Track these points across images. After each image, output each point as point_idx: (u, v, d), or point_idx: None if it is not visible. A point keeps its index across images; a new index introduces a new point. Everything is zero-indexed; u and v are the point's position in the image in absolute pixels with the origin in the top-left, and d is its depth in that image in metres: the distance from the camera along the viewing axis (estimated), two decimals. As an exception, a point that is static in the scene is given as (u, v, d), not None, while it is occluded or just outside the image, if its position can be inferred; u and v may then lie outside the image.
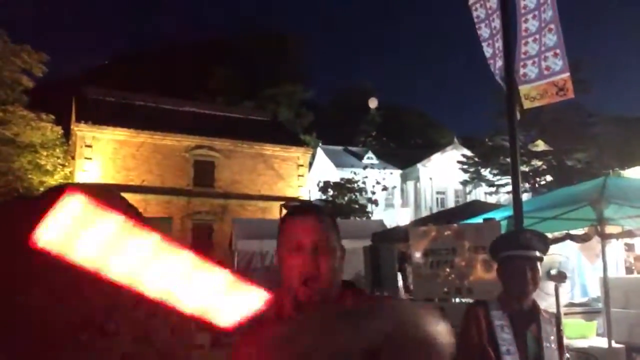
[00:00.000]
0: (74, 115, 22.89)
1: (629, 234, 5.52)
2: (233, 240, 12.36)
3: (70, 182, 19.30)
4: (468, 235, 4.87)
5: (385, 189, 29.68)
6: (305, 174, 27.31)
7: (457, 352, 2.70)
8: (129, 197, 6.05)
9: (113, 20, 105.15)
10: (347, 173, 30.33)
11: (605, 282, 5.20)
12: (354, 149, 42.76)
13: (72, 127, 22.90)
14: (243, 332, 1.37)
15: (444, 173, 37.79)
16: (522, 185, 4.62)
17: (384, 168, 35.37)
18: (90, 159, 21.90)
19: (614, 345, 5.13)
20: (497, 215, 6.13)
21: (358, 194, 26.58)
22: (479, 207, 9.91)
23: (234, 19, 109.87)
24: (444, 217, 10.66)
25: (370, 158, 39.15)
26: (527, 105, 4.52)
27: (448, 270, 4.85)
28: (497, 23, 4.67)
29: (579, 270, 7.00)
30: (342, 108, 49.66)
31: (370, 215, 25.81)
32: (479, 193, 32.25)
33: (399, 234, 8.67)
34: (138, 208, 5.66)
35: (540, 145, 26.26)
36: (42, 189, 18.30)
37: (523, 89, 4.46)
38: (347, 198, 25.40)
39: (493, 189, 27.54)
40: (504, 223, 5.45)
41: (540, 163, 25.65)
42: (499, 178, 26.50)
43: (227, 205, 24.12)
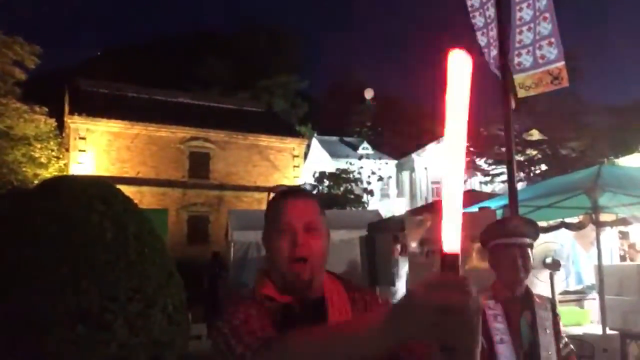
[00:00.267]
0: (68, 108, 22.76)
1: (623, 222, 5.56)
2: (229, 232, 12.35)
3: (65, 174, 19.22)
4: (463, 224, 4.88)
5: (381, 179, 29.64)
6: (301, 165, 27.30)
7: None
8: (124, 189, 6.06)
9: (106, 12, 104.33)
10: (342, 163, 30.25)
11: (600, 269, 5.24)
12: (349, 140, 42.67)
13: (65, 119, 22.76)
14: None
15: (440, 163, 37.84)
16: (517, 174, 4.63)
17: (380, 158, 35.30)
18: (85, 151, 21.81)
19: (608, 332, 5.18)
20: (492, 204, 6.15)
21: (354, 184, 26.56)
22: (475, 196, 9.93)
23: (228, 10, 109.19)
24: (440, 206, 10.67)
25: (366, 148, 39.09)
26: (521, 94, 4.51)
27: (443, 260, 4.88)
28: (491, 12, 4.64)
29: (574, 258, 7.04)
30: (337, 98, 49.52)
31: (366, 206, 25.83)
32: (474, 182, 32.28)
33: (395, 224, 8.68)
34: (133, 200, 5.67)
35: (535, 135, 26.28)
36: (36, 182, 18.23)
37: (518, 78, 4.45)
38: (342, 188, 25.36)
39: (488, 179, 27.58)
40: (499, 212, 5.47)
41: (535, 152, 25.68)
42: (494, 167, 26.53)
43: (222, 197, 24.11)
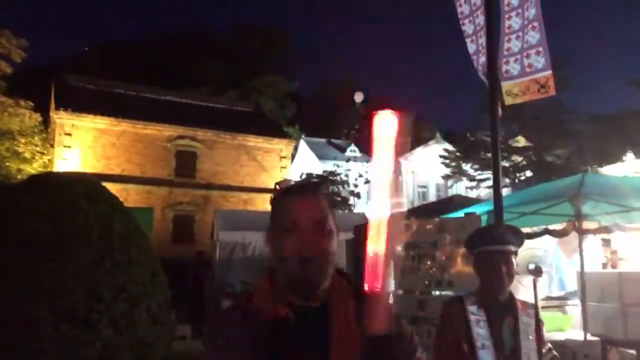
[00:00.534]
0: (53, 103, 22.48)
1: (606, 230, 5.63)
2: (215, 231, 12.30)
3: (49, 170, 19.00)
4: (449, 229, 4.92)
5: (368, 182, 29.75)
6: (288, 166, 27.25)
7: (434, 350, 2.73)
8: (109, 186, 6.02)
9: (94, 7, 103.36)
10: (329, 165, 30.30)
11: (582, 276, 5.31)
12: (337, 142, 42.71)
13: (51, 114, 22.49)
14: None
15: (426, 167, 38.00)
16: (502, 180, 4.67)
17: (367, 161, 35.31)
18: (70, 147, 21.55)
19: (590, 338, 5.25)
20: (477, 210, 6.21)
21: (341, 187, 26.59)
22: (461, 201, 10.03)
23: (218, 8, 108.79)
24: (426, 210, 10.75)
25: (353, 151, 39.16)
26: (509, 102, 4.56)
27: (429, 264, 4.90)
28: (481, 19, 4.69)
29: (557, 265, 7.13)
30: (325, 100, 49.54)
31: (353, 208, 25.87)
32: (460, 187, 32.50)
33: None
34: (118, 197, 5.62)
35: (521, 141, 26.55)
36: (19, 177, 17.98)
37: (505, 86, 4.50)
38: (329, 191, 25.39)
39: (474, 184, 27.79)
40: (484, 218, 5.52)
41: (521, 159, 25.93)
42: (480, 173, 26.74)
43: (209, 196, 23.98)
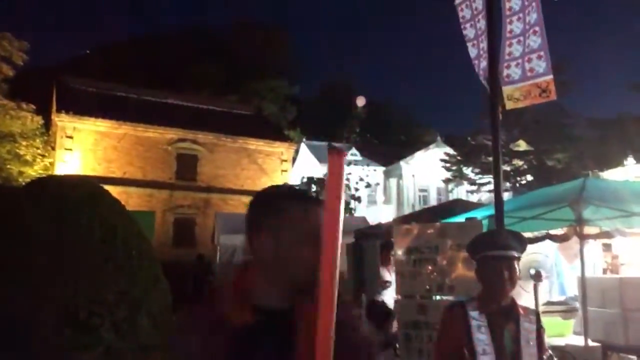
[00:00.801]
0: (55, 105, 22.53)
1: (607, 235, 5.62)
2: (215, 235, 12.31)
3: (51, 173, 19.02)
4: (450, 234, 4.90)
5: (369, 186, 29.71)
6: (289, 169, 27.28)
7: (435, 354, 2.72)
8: (110, 189, 6.02)
9: (95, 9, 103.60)
10: (330, 169, 30.22)
11: (583, 281, 5.29)
12: (338, 145, 42.75)
13: (52, 117, 22.54)
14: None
15: (427, 171, 38.00)
16: (503, 184, 4.67)
17: (367, 165, 35.40)
18: (71, 150, 21.59)
19: (590, 344, 5.23)
20: (478, 214, 6.19)
21: (341, 190, 26.54)
22: (461, 205, 10.00)
23: (219, 11, 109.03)
24: (427, 214, 10.72)
25: (354, 154, 39.13)
26: (510, 106, 4.56)
27: (430, 268, 4.89)
28: (482, 24, 4.70)
29: (558, 270, 7.11)
30: (326, 104, 49.58)
31: (353, 212, 25.85)
32: (461, 191, 32.48)
33: (382, 231, 8.70)
34: (120, 201, 5.62)
35: (522, 145, 26.51)
36: (20, 180, 18.01)
37: (506, 90, 4.50)
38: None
39: (474, 188, 27.77)
40: (486, 222, 5.51)
41: (522, 163, 25.91)
42: (481, 177, 26.72)
43: (209, 200, 23.99)
